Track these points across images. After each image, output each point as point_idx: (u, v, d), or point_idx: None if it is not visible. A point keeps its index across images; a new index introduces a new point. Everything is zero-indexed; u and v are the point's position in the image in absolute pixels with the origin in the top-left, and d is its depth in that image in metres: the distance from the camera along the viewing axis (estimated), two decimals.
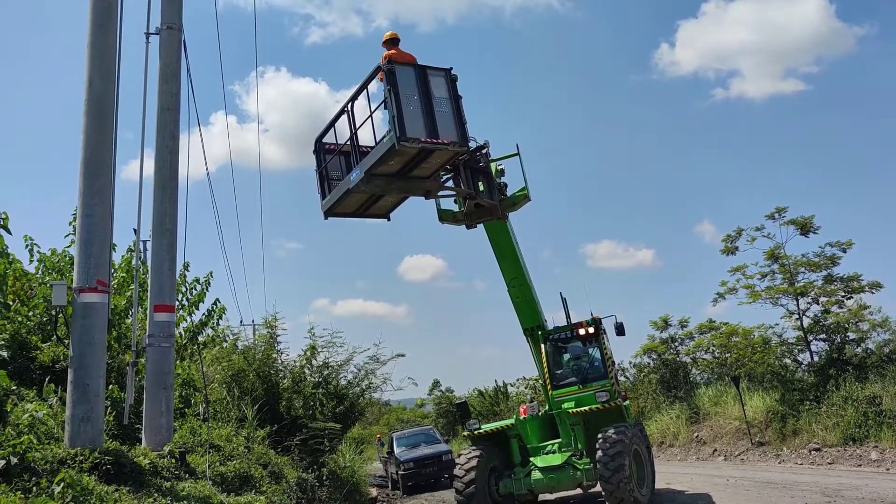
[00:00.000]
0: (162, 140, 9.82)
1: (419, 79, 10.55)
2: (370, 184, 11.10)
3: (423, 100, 10.42)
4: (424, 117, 10.33)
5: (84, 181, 7.78)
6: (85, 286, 7.49)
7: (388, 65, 10.43)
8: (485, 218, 13.48)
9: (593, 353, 14.30)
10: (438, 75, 10.74)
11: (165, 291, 9.52)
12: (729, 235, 25.28)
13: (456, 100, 10.74)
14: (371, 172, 10.90)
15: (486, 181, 13.25)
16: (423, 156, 10.62)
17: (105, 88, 8.05)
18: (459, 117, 10.69)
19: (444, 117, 10.52)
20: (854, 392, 19.46)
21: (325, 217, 12.68)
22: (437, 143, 10.31)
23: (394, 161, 10.65)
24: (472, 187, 12.71)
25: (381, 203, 12.61)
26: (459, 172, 12.38)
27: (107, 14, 8.18)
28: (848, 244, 23.00)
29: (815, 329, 23.49)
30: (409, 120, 10.15)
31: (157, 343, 9.31)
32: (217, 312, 15.68)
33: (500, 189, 13.66)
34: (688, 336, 29.23)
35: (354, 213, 12.86)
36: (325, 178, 12.71)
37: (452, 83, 10.77)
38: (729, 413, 23.65)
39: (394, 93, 10.15)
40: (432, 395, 45.00)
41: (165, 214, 9.61)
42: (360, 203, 12.48)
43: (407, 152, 10.35)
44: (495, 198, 13.34)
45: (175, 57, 10.01)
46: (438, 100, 10.55)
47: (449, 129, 10.51)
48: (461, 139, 10.63)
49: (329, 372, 14.59)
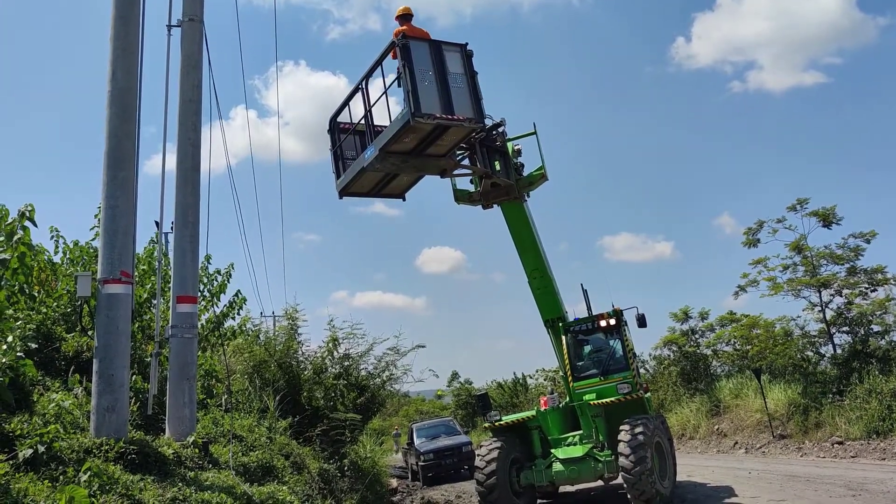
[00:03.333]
0: (184, 132, 9.84)
1: (434, 54, 10.39)
2: (385, 162, 10.98)
3: (438, 75, 10.25)
4: (440, 93, 10.18)
5: (107, 172, 7.83)
6: (109, 277, 7.55)
7: (402, 40, 10.25)
8: (501, 198, 13.39)
9: (615, 344, 14.21)
10: (454, 51, 10.58)
11: (188, 283, 9.56)
12: (750, 228, 25.08)
13: (472, 76, 10.58)
14: (386, 150, 10.77)
15: (502, 160, 13.13)
16: (438, 132, 10.48)
17: (128, 80, 8.09)
18: (475, 93, 10.53)
19: (460, 93, 10.36)
20: (878, 385, 19.24)
21: (340, 196, 12.57)
22: (453, 120, 10.15)
23: (409, 138, 10.52)
24: (489, 166, 12.58)
25: (397, 182, 12.50)
26: (475, 151, 12.26)
27: (129, 6, 8.22)
28: (872, 235, 22.73)
29: (838, 321, 23.24)
30: (424, 95, 10.00)
31: (180, 334, 9.36)
32: (238, 303, 15.79)
33: (517, 169, 13.57)
34: (708, 328, 29.01)
35: (369, 192, 12.77)
36: (339, 158, 12.59)
37: (468, 59, 10.62)
38: (750, 406, 23.49)
39: (408, 68, 10.00)
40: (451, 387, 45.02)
41: (188, 207, 9.64)
42: (375, 182, 12.36)
43: (422, 128, 10.21)
44: (512, 177, 13.22)
45: (197, 48, 10.03)
46: (454, 75, 10.39)
47: (465, 105, 10.35)
48: (477, 115, 10.47)
49: (350, 363, 14.64)
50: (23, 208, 6.99)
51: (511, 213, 13.56)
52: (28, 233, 7.12)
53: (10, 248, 6.44)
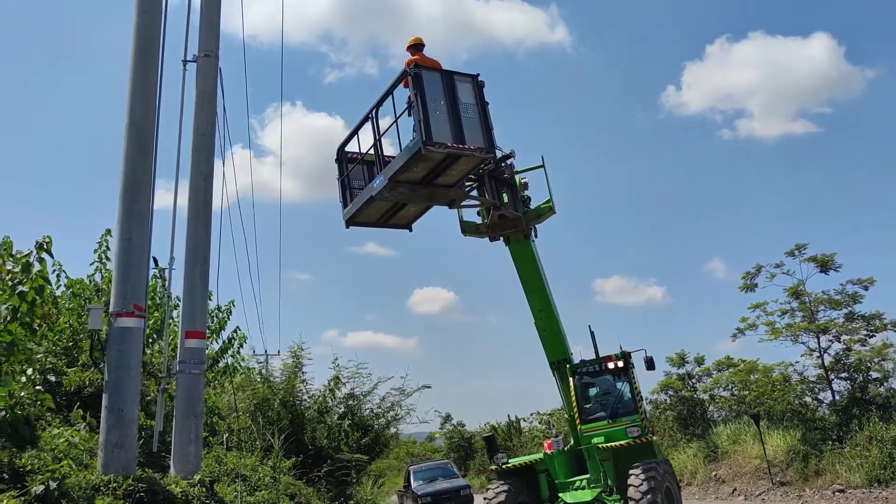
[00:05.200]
0: (197, 166, 9.82)
1: (446, 84, 10.44)
2: (394, 191, 10.95)
3: (450, 105, 10.29)
4: (451, 123, 10.20)
5: (123, 206, 7.79)
6: (122, 311, 7.46)
7: (415, 69, 10.30)
8: (508, 230, 13.37)
9: (622, 387, 14.10)
10: (465, 81, 10.63)
11: (197, 318, 9.47)
12: (749, 272, 25.10)
13: (483, 106, 10.62)
14: (395, 179, 10.74)
15: (510, 192, 13.14)
16: (448, 162, 10.47)
17: (146, 114, 8.11)
18: (486, 124, 10.56)
19: (471, 123, 10.38)
20: (879, 432, 19.11)
21: (347, 226, 12.48)
22: (464, 149, 10.14)
23: (419, 167, 10.51)
24: (497, 198, 12.57)
25: (404, 212, 12.44)
26: (484, 182, 12.25)
27: (150, 42, 8.26)
28: (870, 282, 22.76)
29: (837, 367, 23.18)
30: (436, 124, 10.01)
31: (188, 370, 9.23)
32: (238, 340, 15.68)
33: (524, 202, 13.57)
34: (705, 373, 28.88)
35: (377, 222, 12.69)
36: (346, 187, 12.54)
37: (479, 90, 10.66)
38: (748, 452, 23.28)
39: (420, 97, 10.03)
40: (444, 429, 44.46)
41: (199, 242, 9.59)
42: (383, 212, 12.32)
43: (433, 157, 10.20)
44: (520, 210, 13.22)
45: (212, 83, 10.08)
46: (465, 105, 10.43)
47: (476, 135, 10.37)
48: (488, 146, 10.48)
49: (354, 403, 14.46)
50: (41, 240, 6.92)
51: (519, 253, 13.54)
52: (45, 265, 7.04)
53: (28, 280, 6.33)
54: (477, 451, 36.33)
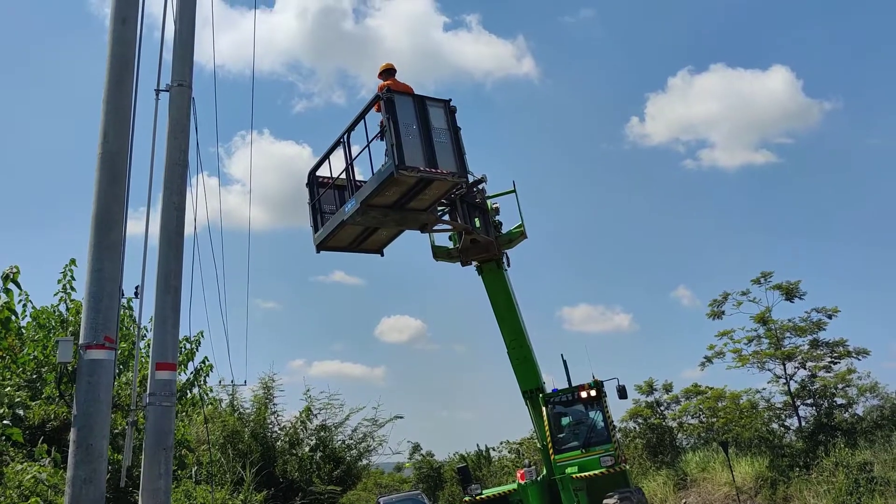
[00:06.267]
0: (169, 196, 9.67)
1: (418, 109, 10.52)
2: (366, 215, 10.95)
3: (422, 130, 10.36)
4: (423, 147, 10.26)
5: (94, 235, 7.66)
6: (92, 342, 7.29)
7: (387, 94, 10.38)
8: (480, 255, 13.43)
9: (595, 416, 14.14)
10: (437, 106, 10.72)
11: (168, 349, 9.26)
12: (716, 300, 25.48)
13: (455, 131, 10.72)
14: (367, 203, 10.75)
15: (482, 217, 13.21)
16: (421, 186, 10.51)
17: (119, 143, 7.99)
18: (459, 149, 10.64)
19: (444, 148, 10.47)
20: (844, 458, 19.40)
21: (318, 251, 12.44)
22: (437, 173, 10.19)
23: (391, 191, 10.53)
24: (469, 222, 12.62)
25: (376, 237, 12.42)
26: (456, 207, 12.31)
27: (124, 70, 8.19)
28: (834, 311, 23.23)
29: (803, 394, 23.52)
30: (409, 148, 10.06)
31: (158, 402, 9.00)
32: (205, 370, 15.41)
33: (496, 227, 13.63)
34: (673, 400, 29.08)
35: (348, 246, 12.66)
36: (318, 212, 12.52)
37: (451, 114, 10.76)
38: (717, 479, 23.41)
39: (392, 121, 10.10)
40: (412, 460, 43.95)
41: (171, 272, 9.40)
42: (354, 236, 12.29)
43: (405, 181, 10.23)
44: (491, 234, 13.28)
45: (185, 113, 9.97)
46: (437, 130, 10.51)
47: (448, 159, 10.45)
48: (460, 170, 10.57)
49: (325, 434, 14.28)
50: (7, 270, 6.79)
51: (492, 282, 13.60)
52: (12, 296, 6.91)
53: None
54: (446, 481, 36.00)
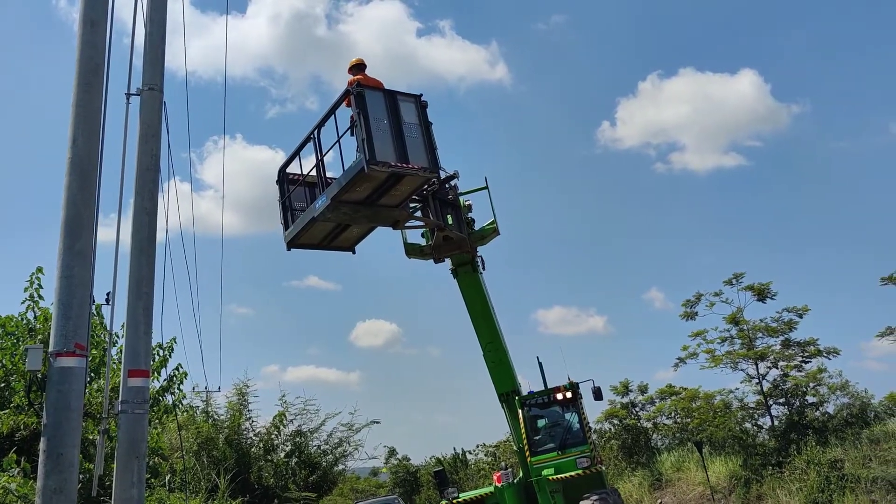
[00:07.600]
0: (140, 201, 9.57)
1: (389, 103, 10.45)
2: (337, 211, 10.84)
3: (393, 125, 10.28)
4: (394, 142, 10.19)
5: (64, 241, 7.57)
6: (63, 350, 7.21)
7: (358, 88, 10.28)
8: (453, 252, 13.41)
9: (571, 418, 14.20)
10: (408, 101, 10.67)
11: (141, 356, 9.17)
12: (689, 300, 25.69)
13: (426, 126, 10.66)
14: (338, 199, 10.64)
15: (454, 214, 13.18)
16: (392, 181, 10.44)
17: (89, 148, 7.92)
18: (430, 144, 10.59)
19: (415, 143, 10.40)
20: (816, 456, 19.63)
21: (288, 248, 12.31)
22: (408, 168, 10.12)
23: (362, 187, 10.44)
24: (441, 219, 12.58)
25: (347, 234, 12.34)
26: (428, 203, 12.25)
27: (94, 74, 8.10)
28: (805, 310, 23.52)
29: (775, 393, 23.79)
30: (379, 143, 9.98)
31: (130, 409, 8.91)
32: (179, 377, 15.26)
33: (469, 224, 13.63)
34: (648, 401, 29.27)
35: (319, 244, 12.56)
36: (288, 209, 12.41)
37: (422, 109, 10.71)
38: (692, 479, 23.60)
39: (363, 116, 10.01)
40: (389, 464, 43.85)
41: (143, 278, 9.30)
42: (326, 233, 12.19)
43: (376, 177, 10.14)
44: (464, 231, 13.27)
45: (156, 117, 9.87)
46: (409, 125, 10.43)
47: (419, 154, 10.38)
48: (432, 165, 10.51)
49: (301, 440, 14.19)
50: None
51: (467, 285, 13.61)
52: None
53: None
54: (423, 484, 35.94)
